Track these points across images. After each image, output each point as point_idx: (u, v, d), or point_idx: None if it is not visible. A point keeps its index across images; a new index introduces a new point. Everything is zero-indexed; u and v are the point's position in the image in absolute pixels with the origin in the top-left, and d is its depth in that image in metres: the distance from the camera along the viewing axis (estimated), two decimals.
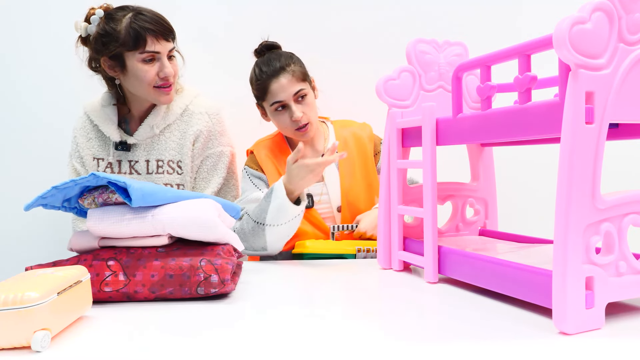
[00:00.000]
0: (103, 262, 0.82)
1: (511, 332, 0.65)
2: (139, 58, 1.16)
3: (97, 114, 1.27)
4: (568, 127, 0.61)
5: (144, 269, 0.82)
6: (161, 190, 0.86)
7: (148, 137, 1.27)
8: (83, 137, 1.29)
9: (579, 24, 0.61)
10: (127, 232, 0.84)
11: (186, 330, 0.69)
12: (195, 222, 0.84)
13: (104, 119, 1.26)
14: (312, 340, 0.64)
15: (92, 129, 1.29)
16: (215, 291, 0.81)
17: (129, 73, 1.19)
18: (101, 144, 1.29)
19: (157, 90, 1.20)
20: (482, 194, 1.11)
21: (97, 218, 0.84)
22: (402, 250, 1.02)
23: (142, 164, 1.27)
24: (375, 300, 0.84)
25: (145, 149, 1.28)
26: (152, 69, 1.18)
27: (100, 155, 1.28)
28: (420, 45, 1.02)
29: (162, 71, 1.18)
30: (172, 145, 1.28)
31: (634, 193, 0.66)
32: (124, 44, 1.15)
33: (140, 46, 1.15)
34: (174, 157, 1.28)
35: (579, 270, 0.62)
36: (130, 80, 1.20)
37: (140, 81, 1.18)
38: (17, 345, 0.61)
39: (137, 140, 1.27)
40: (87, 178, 0.81)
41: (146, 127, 1.27)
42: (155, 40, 1.16)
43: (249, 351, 0.61)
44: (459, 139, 0.87)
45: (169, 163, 1.27)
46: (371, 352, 0.60)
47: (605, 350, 0.58)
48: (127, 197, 0.82)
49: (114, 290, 0.81)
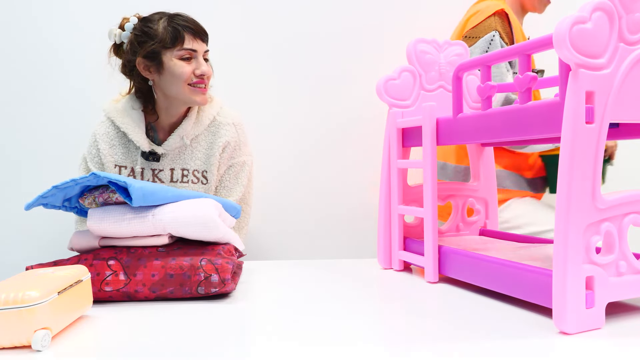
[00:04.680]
0: (103, 261, 0.82)
1: (511, 332, 0.65)
2: (176, 55, 1.17)
3: (124, 121, 1.23)
4: (568, 126, 0.61)
5: (145, 268, 0.82)
6: (162, 189, 0.86)
7: (177, 147, 1.25)
8: (106, 143, 1.25)
9: (579, 24, 0.61)
10: (127, 232, 0.84)
11: (186, 330, 0.69)
12: (196, 221, 0.84)
13: (132, 126, 1.23)
14: (312, 340, 0.64)
15: (116, 135, 1.25)
16: (216, 291, 0.81)
17: (165, 71, 1.18)
18: (125, 152, 1.25)
19: (192, 88, 1.19)
20: (482, 194, 1.11)
21: (98, 218, 0.84)
22: (403, 250, 1.02)
23: (167, 173, 1.25)
24: (375, 300, 0.84)
25: (172, 158, 1.26)
26: (189, 66, 1.18)
27: (123, 163, 1.25)
28: (420, 45, 1.03)
29: (198, 69, 1.18)
30: (198, 155, 1.26)
31: (634, 193, 0.66)
32: (162, 41, 1.16)
33: (178, 43, 1.16)
34: (199, 167, 1.26)
35: (579, 270, 0.62)
36: (166, 78, 1.19)
37: (177, 78, 1.17)
38: (18, 345, 0.61)
39: (165, 151, 1.24)
40: (87, 177, 0.81)
41: (176, 137, 1.23)
42: (192, 38, 1.17)
43: (249, 351, 0.61)
44: (459, 139, 0.87)
45: (194, 172, 1.26)
46: (371, 352, 0.60)
47: (605, 350, 0.58)
48: (127, 197, 0.82)
49: (114, 290, 0.81)
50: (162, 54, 1.17)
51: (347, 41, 1.69)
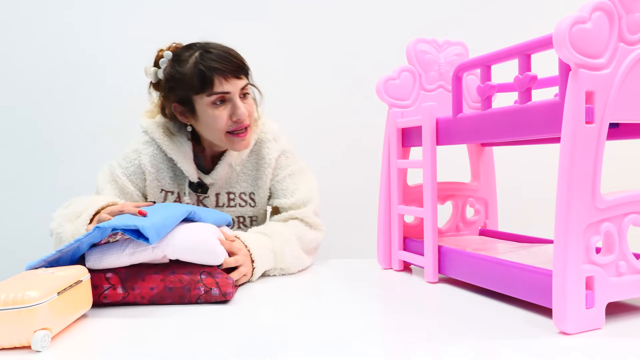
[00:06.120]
0: (101, 274, 0.80)
1: (511, 331, 0.65)
2: (207, 101, 1.04)
3: (172, 147, 1.12)
4: (568, 126, 0.61)
5: (143, 282, 0.80)
6: (169, 218, 0.84)
7: (225, 175, 1.17)
8: (152, 166, 1.13)
9: (579, 24, 0.61)
10: (129, 263, 0.82)
11: (186, 331, 0.69)
12: (197, 250, 0.83)
13: (181, 155, 1.12)
14: (313, 340, 0.64)
15: (164, 159, 1.14)
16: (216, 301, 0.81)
17: (200, 119, 1.07)
18: (172, 176, 1.15)
19: (230, 137, 1.07)
20: (483, 194, 1.11)
21: (96, 258, 0.81)
22: (402, 250, 1.02)
23: (212, 199, 1.17)
24: (375, 300, 0.84)
25: (218, 185, 1.18)
26: (224, 112, 1.05)
27: (170, 189, 1.16)
28: (420, 45, 1.03)
29: (234, 114, 1.05)
30: (244, 178, 1.18)
31: (634, 193, 0.66)
32: (191, 87, 1.04)
33: (207, 88, 1.03)
34: (246, 190, 1.18)
35: (579, 270, 0.62)
36: (202, 126, 1.08)
37: (212, 129, 1.07)
38: (18, 345, 0.61)
39: (213, 180, 1.15)
40: (91, 234, 0.77)
41: (224, 165, 1.14)
42: (223, 79, 1.03)
43: (249, 351, 0.61)
44: (459, 139, 0.87)
45: (241, 196, 1.18)
46: (371, 352, 0.60)
47: (605, 350, 0.58)
48: (140, 237, 0.78)
49: (112, 302, 0.80)
50: (193, 101, 1.06)
51: (347, 41, 1.68)
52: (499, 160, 1.17)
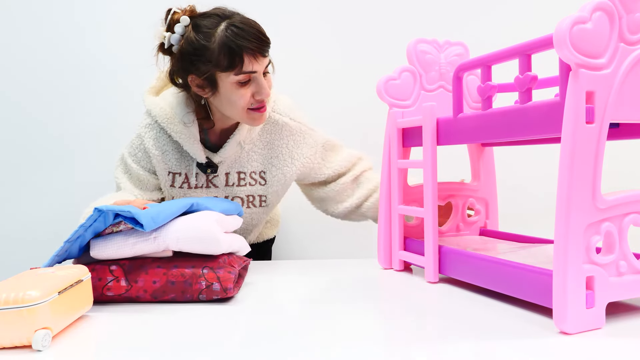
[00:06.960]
0: (105, 266, 0.82)
1: (511, 331, 0.65)
2: (233, 80, 1.00)
3: (176, 129, 1.09)
4: (568, 126, 0.61)
5: (146, 275, 0.81)
6: (167, 207, 0.85)
7: (234, 154, 1.14)
8: (157, 149, 1.11)
9: (580, 24, 0.61)
10: (132, 254, 0.83)
11: (186, 331, 0.69)
12: (199, 240, 0.83)
13: (187, 136, 1.09)
14: (313, 340, 0.64)
15: (168, 141, 1.12)
16: (217, 297, 0.81)
17: (221, 95, 1.03)
18: (178, 157, 1.13)
19: (251, 113, 1.05)
20: (483, 194, 1.11)
21: (100, 247, 0.82)
22: (403, 250, 1.02)
23: (222, 178, 1.15)
24: (375, 300, 0.84)
25: (227, 164, 1.15)
26: (248, 91, 1.02)
27: (177, 170, 1.13)
28: (420, 45, 1.03)
29: (258, 93, 1.03)
30: (254, 157, 1.16)
31: (634, 193, 0.66)
32: (217, 63, 0.98)
33: (236, 66, 0.98)
34: (257, 168, 1.16)
35: (580, 270, 0.62)
36: (222, 102, 1.04)
37: (234, 105, 1.03)
38: (18, 344, 0.61)
39: (222, 159, 1.12)
40: (92, 216, 0.79)
41: (233, 144, 1.11)
42: (253, 59, 0.99)
43: (249, 351, 0.61)
44: (459, 139, 0.87)
45: (251, 175, 1.16)
46: (371, 352, 0.60)
47: (605, 350, 0.58)
48: (137, 224, 0.80)
49: (115, 295, 0.81)
50: (217, 77, 1.01)
51: (347, 41, 1.69)
52: (499, 160, 1.18)
